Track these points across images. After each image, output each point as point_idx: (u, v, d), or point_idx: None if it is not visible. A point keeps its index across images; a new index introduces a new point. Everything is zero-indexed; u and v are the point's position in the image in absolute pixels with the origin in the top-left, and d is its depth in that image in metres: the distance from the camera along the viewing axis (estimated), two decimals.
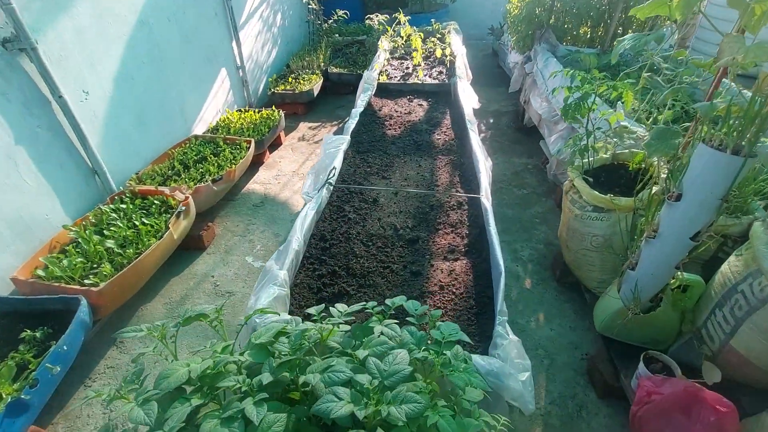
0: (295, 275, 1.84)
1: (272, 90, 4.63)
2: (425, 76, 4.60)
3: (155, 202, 2.61)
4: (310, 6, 5.74)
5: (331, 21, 5.98)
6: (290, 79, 4.80)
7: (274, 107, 4.07)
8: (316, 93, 4.70)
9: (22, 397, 1.59)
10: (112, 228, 2.38)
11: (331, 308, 1.13)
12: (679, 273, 1.70)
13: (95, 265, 2.20)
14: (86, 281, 2.08)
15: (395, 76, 4.58)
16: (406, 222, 2.24)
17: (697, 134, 1.72)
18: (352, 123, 3.20)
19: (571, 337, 2.20)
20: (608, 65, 3.55)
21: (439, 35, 5.72)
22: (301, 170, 3.78)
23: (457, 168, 2.78)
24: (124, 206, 2.56)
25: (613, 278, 2.12)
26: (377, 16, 5.51)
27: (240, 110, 4.11)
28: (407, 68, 4.85)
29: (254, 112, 4.00)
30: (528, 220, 3.08)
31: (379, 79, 4.31)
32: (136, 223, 2.42)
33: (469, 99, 3.60)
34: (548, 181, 3.32)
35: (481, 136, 4.13)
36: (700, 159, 1.43)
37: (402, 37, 5.47)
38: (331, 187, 2.37)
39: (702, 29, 4.46)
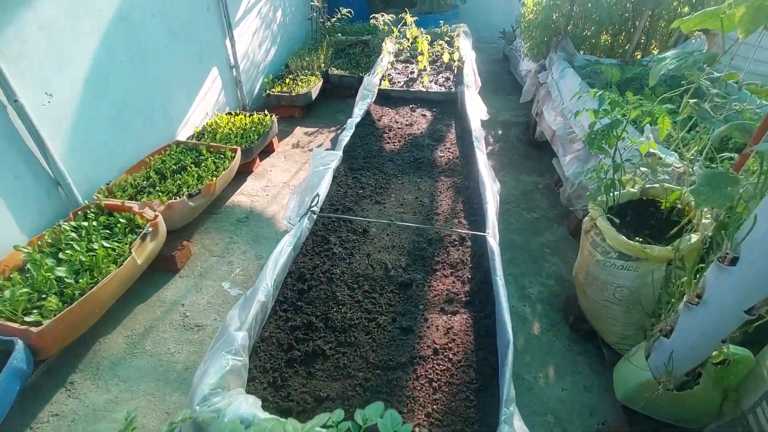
0: (262, 328, 1.55)
1: (267, 92, 4.35)
2: (431, 82, 4.29)
3: (121, 220, 2.33)
4: (312, 3, 5.44)
5: (334, 19, 5.69)
6: (288, 81, 4.50)
7: (266, 111, 3.79)
8: (314, 96, 4.42)
9: None
10: (68, 251, 2.10)
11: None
12: (724, 347, 1.40)
13: (44, 296, 1.92)
14: (28, 318, 1.80)
15: (398, 82, 4.27)
16: (399, 260, 1.94)
17: (752, 179, 1.42)
18: (346, 135, 2.90)
19: (585, 399, 1.90)
20: (631, 79, 3.24)
21: (447, 38, 5.41)
22: (293, 181, 3.50)
23: (461, 193, 2.47)
24: (86, 224, 2.28)
25: (637, 335, 1.82)
26: (383, 15, 5.22)
27: (230, 113, 3.83)
28: (412, 72, 4.53)
29: (245, 116, 3.72)
30: (538, 249, 2.77)
31: (380, 85, 4.00)
32: (95, 245, 2.14)
33: (476, 110, 3.28)
34: (561, 204, 3.01)
35: (488, 149, 3.82)
36: None
37: (408, 39, 5.16)
38: (314, 216, 2.08)
39: (762, 49, 3.95)
